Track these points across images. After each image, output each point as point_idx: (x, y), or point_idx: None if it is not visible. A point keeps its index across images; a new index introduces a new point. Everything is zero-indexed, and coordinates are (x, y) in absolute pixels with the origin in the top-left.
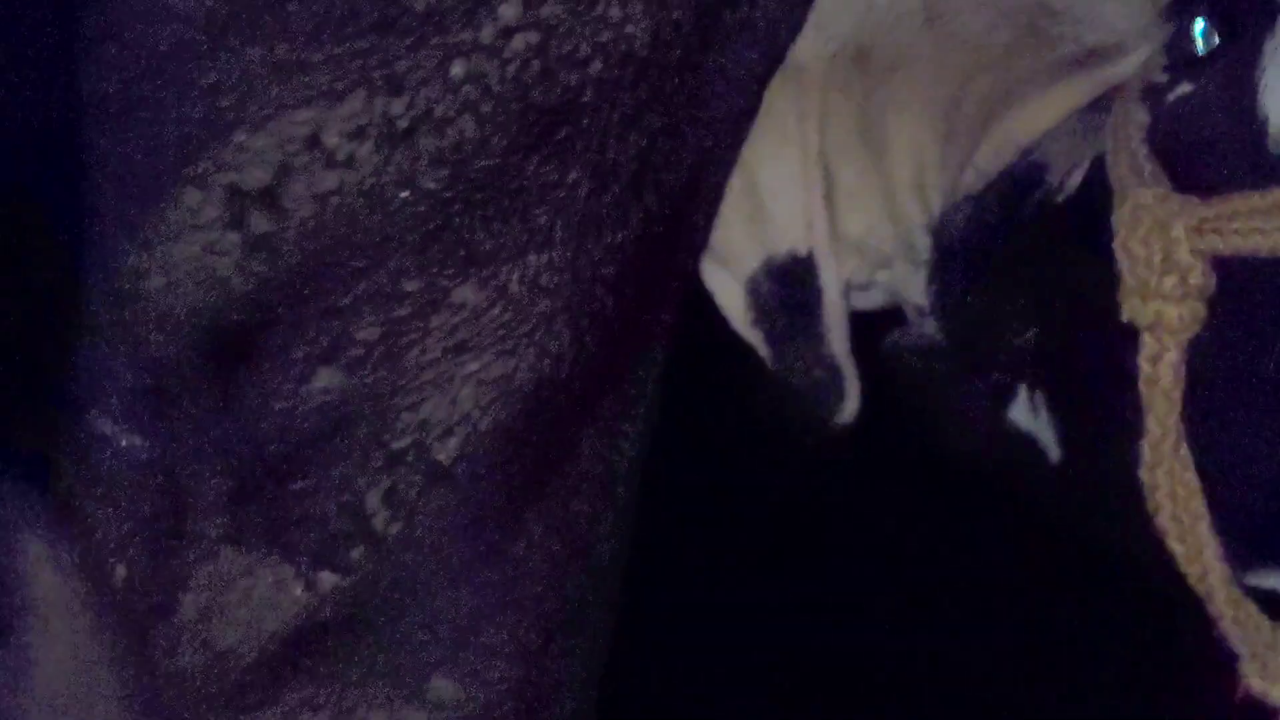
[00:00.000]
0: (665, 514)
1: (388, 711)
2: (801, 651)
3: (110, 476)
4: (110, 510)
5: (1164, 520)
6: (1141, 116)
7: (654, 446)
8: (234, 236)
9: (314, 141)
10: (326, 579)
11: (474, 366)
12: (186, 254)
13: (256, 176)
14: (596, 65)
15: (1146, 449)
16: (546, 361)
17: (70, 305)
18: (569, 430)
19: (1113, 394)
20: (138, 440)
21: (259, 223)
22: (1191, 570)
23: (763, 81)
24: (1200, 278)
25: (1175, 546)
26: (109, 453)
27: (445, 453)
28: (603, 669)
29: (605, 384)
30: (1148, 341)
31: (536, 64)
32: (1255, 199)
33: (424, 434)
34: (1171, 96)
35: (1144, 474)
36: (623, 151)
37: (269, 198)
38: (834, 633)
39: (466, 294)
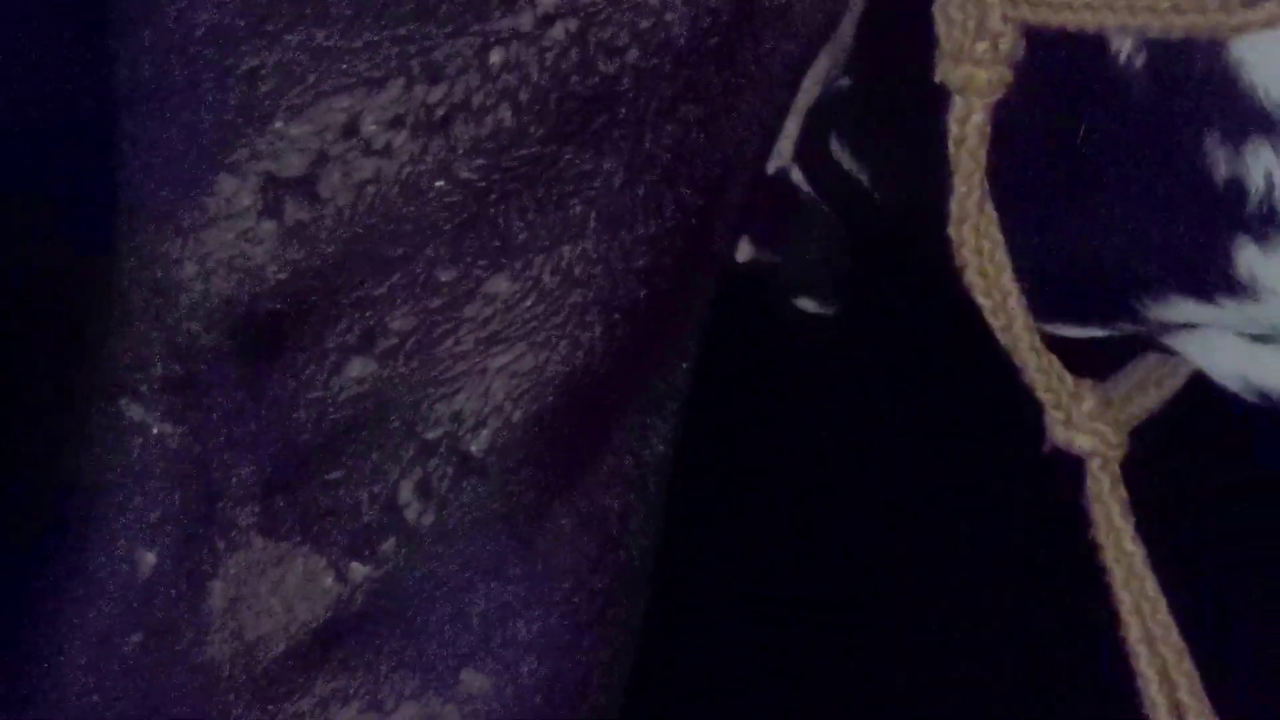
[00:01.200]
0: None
1: (419, 703)
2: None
3: (141, 464)
4: (140, 498)
5: (971, 274)
6: None
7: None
8: (269, 225)
9: (352, 129)
10: (358, 570)
11: (506, 358)
12: (221, 242)
13: (293, 164)
14: (634, 54)
15: (954, 205)
16: (579, 353)
17: (103, 292)
18: (600, 423)
19: (919, 152)
20: (169, 428)
21: (295, 211)
22: (997, 321)
23: (799, 71)
24: (1008, 45)
25: (982, 300)
26: (140, 440)
27: (477, 444)
28: (632, 665)
29: (637, 376)
30: (957, 103)
31: (575, 52)
32: None
33: (456, 425)
34: None
35: (951, 229)
36: (658, 141)
37: (305, 186)
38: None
39: (500, 285)
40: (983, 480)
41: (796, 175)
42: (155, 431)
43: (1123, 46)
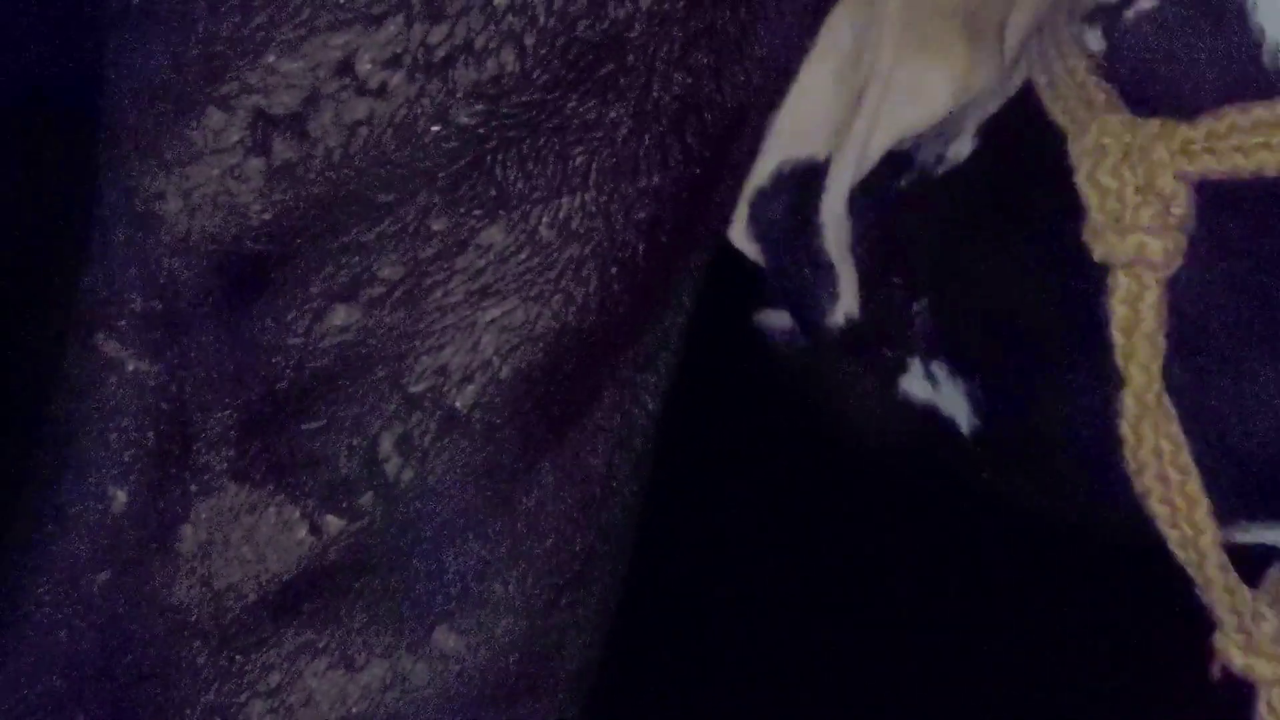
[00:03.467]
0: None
1: (389, 661)
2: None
3: (116, 400)
4: (114, 435)
5: (1147, 479)
6: (1090, 43)
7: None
8: (257, 163)
9: (346, 67)
10: (333, 523)
11: (497, 312)
12: (206, 178)
13: (284, 101)
14: None
15: (1129, 400)
16: (572, 309)
17: (83, 223)
18: (589, 381)
19: (1066, 347)
20: (145, 365)
21: (283, 150)
22: (1175, 533)
23: (819, 14)
24: (1183, 206)
25: (1158, 508)
26: (115, 377)
27: (462, 399)
28: (610, 627)
29: (629, 334)
30: (1124, 281)
31: None
32: (1258, 111)
33: (442, 379)
34: (1130, 14)
35: (1126, 429)
36: (667, 90)
37: (296, 124)
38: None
39: (494, 235)
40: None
41: None
42: (131, 368)
43: None
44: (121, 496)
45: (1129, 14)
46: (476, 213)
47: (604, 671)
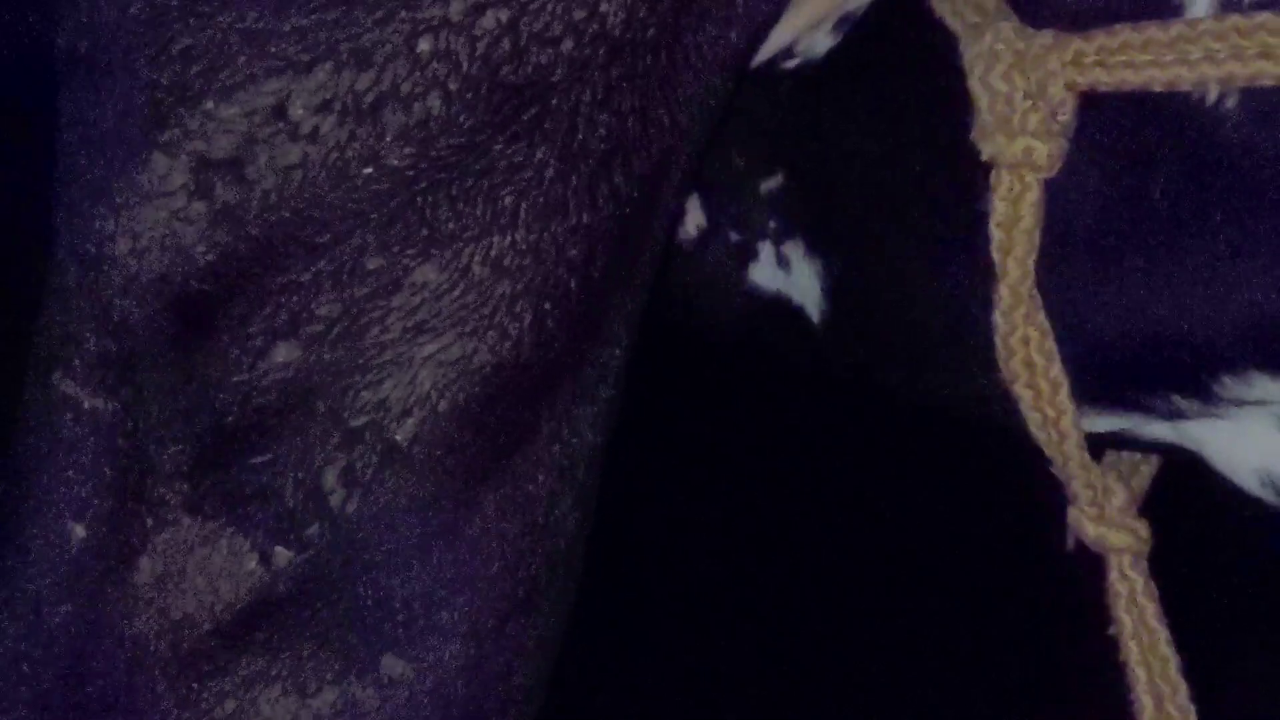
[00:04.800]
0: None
1: (340, 687)
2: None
3: (73, 438)
4: (72, 472)
5: (1014, 364)
6: None
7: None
8: (200, 205)
9: (280, 113)
10: (282, 554)
11: (433, 348)
12: (154, 220)
13: (223, 146)
14: (568, 44)
15: (1004, 291)
16: (507, 344)
17: (39, 265)
18: (528, 412)
19: (939, 233)
20: (101, 403)
21: (224, 193)
22: (1036, 415)
23: (743, 60)
24: (1068, 114)
25: (1022, 391)
26: (72, 414)
27: (402, 433)
28: (559, 649)
29: (566, 366)
30: (1007, 179)
31: (507, 41)
32: (1152, 31)
33: (382, 413)
34: None
35: (998, 317)
36: (592, 132)
37: (234, 168)
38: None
39: (428, 274)
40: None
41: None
42: (87, 406)
43: (1209, 91)
44: (80, 531)
45: None
46: (410, 252)
47: (556, 693)
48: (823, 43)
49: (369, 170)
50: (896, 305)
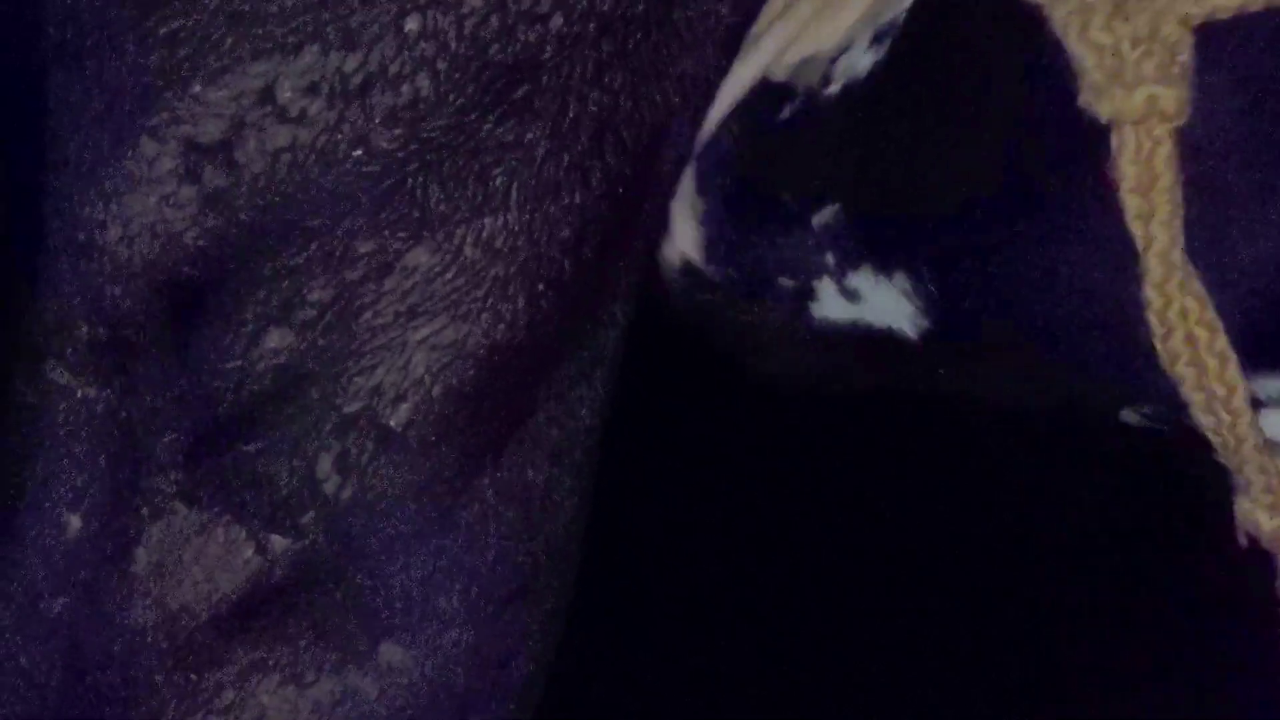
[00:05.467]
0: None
1: (338, 676)
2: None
3: (67, 427)
4: (66, 461)
5: (1175, 342)
6: None
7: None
8: (189, 190)
9: (267, 95)
10: (278, 542)
11: (426, 331)
12: (144, 206)
13: (211, 130)
14: (557, 21)
15: (1153, 262)
16: (501, 326)
17: (29, 254)
18: (523, 396)
19: (1055, 220)
20: (94, 392)
21: (213, 178)
22: (1202, 395)
23: (735, 36)
24: (1187, 51)
25: (1185, 370)
26: (65, 404)
27: (396, 418)
28: (559, 636)
29: (562, 349)
30: (1132, 138)
31: (495, 20)
32: None
33: (376, 399)
34: None
35: (1150, 292)
36: (584, 110)
37: (223, 152)
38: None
39: (420, 257)
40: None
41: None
42: (80, 395)
43: None
44: (76, 521)
45: None
46: (401, 234)
47: (555, 681)
48: (863, 60)
49: (358, 152)
50: (1018, 305)
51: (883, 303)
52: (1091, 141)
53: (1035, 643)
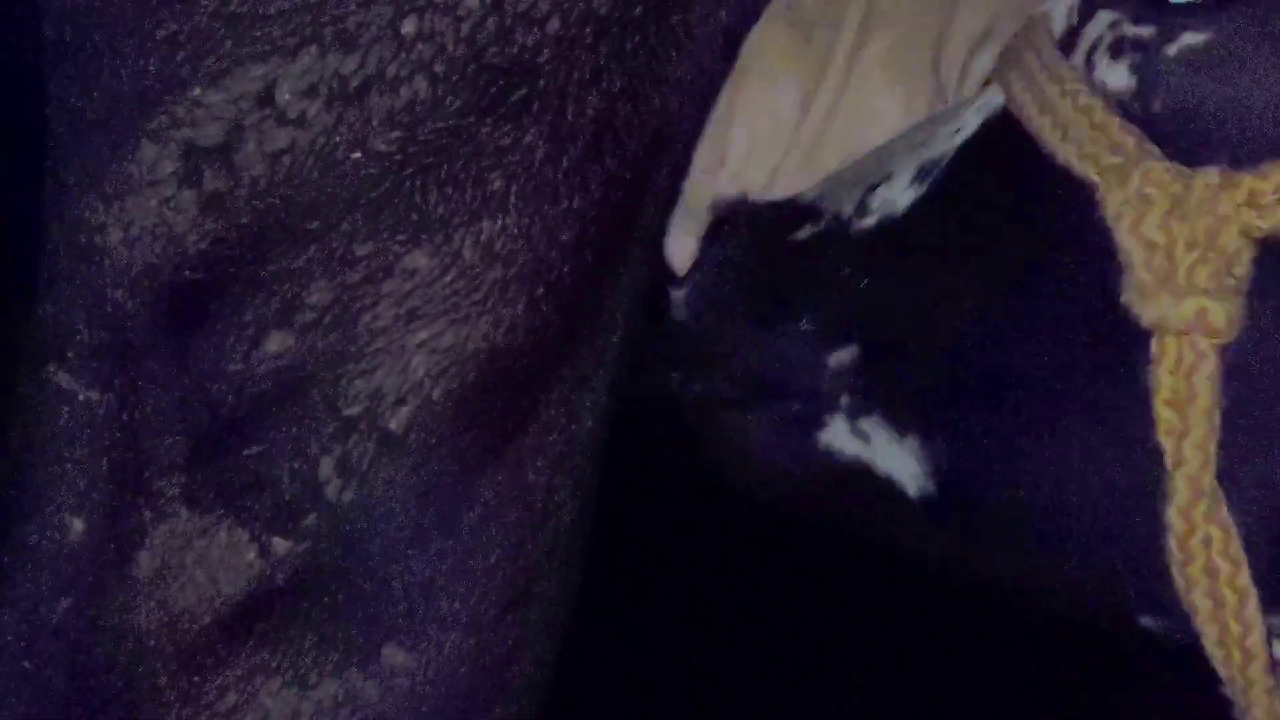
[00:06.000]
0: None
1: (341, 678)
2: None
3: (69, 431)
4: (69, 465)
5: (1193, 570)
6: (1110, 79)
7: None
8: (189, 194)
9: (266, 98)
10: (279, 545)
11: (426, 334)
12: (144, 209)
13: (210, 133)
14: (554, 24)
15: (1180, 484)
16: (500, 330)
17: (31, 257)
18: (525, 399)
19: (1083, 415)
20: (96, 395)
21: (213, 181)
22: (1215, 628)
23: (734, 40)
24: (1244, 266)
25: (1200, 601)
26: (67, 408)
27: (397, 421)
28: (561, 639)
29: (562, 352)
30: (1173, 348)
31: (492, 22)
32: None
33: (376, 402)
34: (1173, 49)
35: (1173, 515)
36: (581, 114)
37: (222, 155)
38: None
39: (419, 260)
40: None
41: None
42: (82, 398)
43: None
44: (79, 525)
45: (1171, 49)
46: (400, 237)
47: (557, 682)
48: (903, 196)
49: (357, 155)
50: (1026, 496)
51: (890, 453)
52: (1132, 341)
53: None
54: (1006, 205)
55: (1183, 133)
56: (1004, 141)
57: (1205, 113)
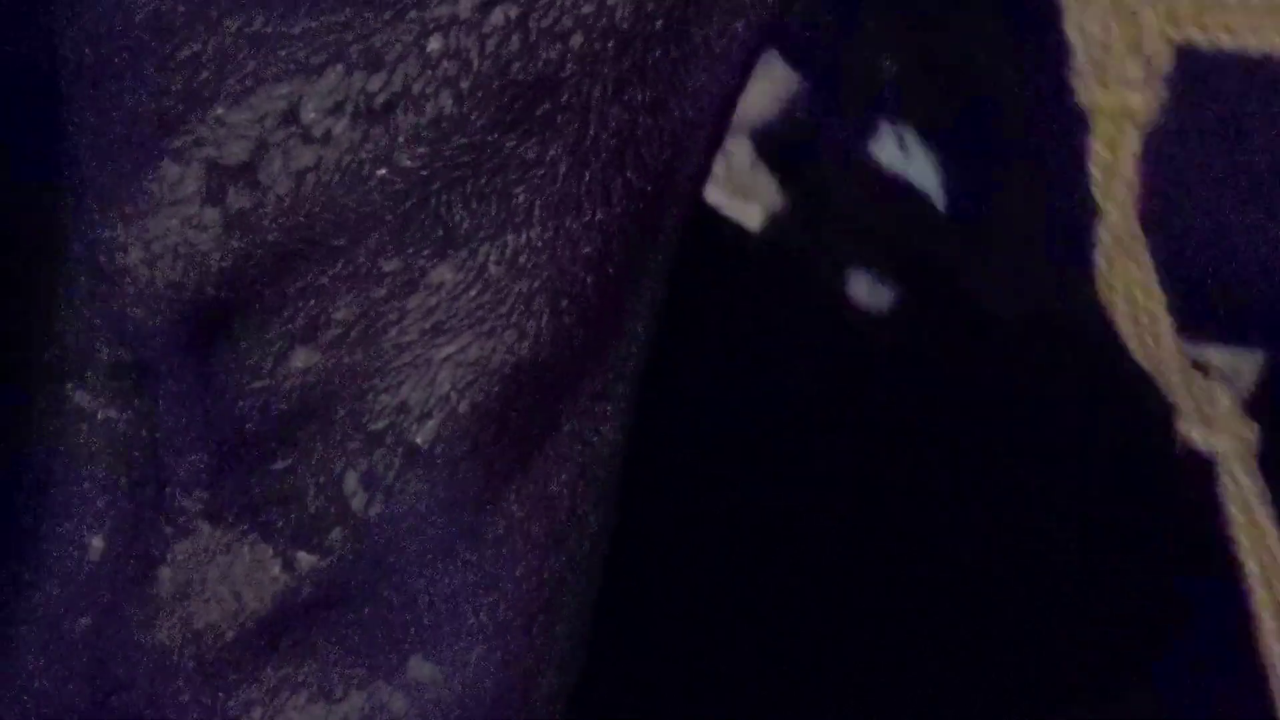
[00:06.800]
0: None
1: (367, 691)
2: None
3: (88, 450)
4: (88, 484)
5: (1118, 301)
6: None
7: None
8: (212, 212)
9: (291, 117)
10: (305, 559)
11: (451, 349)
12: (166, 228)
13: (234, 152)
14: (578, 39)
15: (1104, 233)
16: (525, 343)
17: (50, 276)
18: (548, 411)
19: (1044, 154)
20: (115, 413)
21: (237, 199)
22: (1137, 345)
23: (752, 52)
24: (1163, 65)
25: (1125, 325)
26: (86, 426)
27: (423, 435)
28: (587, 648)
29: (585, 364)
30: (1104, 126)
31: (517, 38)
32: None
33: (402, 416)
34: None
35: (1100, 258)
36: (604, 127)
37: (247, 173)
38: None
39: (444, 274)
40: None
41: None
42: (101, 417)
43: None
44: (98, 543)
45: None
46: (425, 252)
47: (583, 692)
48: None
49: (383, 171)
50: (1004, 213)
51: (921, 165)
52: (1078, 111)
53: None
54: None
55: None
56: None
57: None
